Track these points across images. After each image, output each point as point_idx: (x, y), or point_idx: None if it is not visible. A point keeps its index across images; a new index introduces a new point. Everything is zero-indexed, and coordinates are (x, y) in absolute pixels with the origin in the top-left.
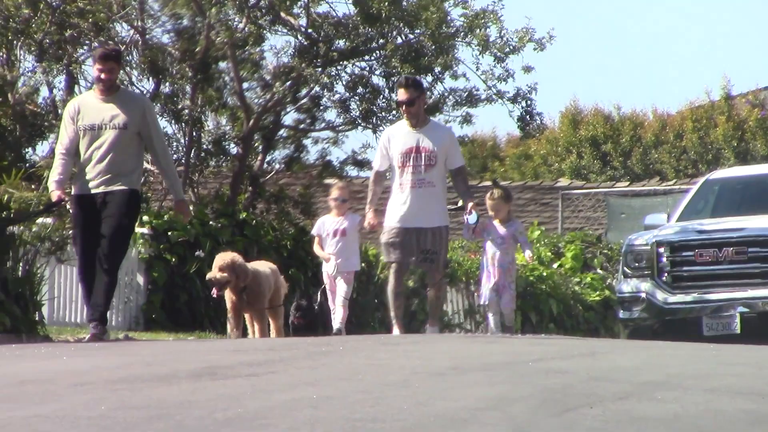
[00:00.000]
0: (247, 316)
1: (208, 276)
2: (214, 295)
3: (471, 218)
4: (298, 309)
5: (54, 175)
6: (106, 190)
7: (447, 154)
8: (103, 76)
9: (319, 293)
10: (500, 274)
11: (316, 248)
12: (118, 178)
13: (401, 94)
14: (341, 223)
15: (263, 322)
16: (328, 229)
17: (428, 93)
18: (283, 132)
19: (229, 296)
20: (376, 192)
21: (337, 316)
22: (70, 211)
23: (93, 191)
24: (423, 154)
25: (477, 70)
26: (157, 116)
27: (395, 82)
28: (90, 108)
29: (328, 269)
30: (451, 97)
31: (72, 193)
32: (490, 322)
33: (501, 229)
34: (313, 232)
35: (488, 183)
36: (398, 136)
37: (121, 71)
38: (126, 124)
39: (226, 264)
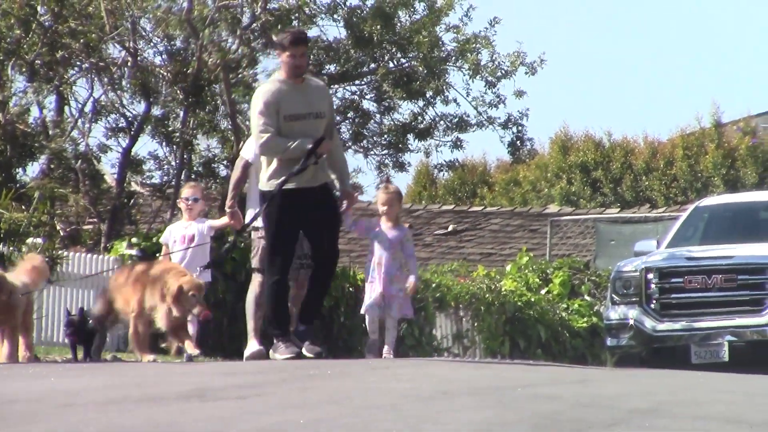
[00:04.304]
0: None
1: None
2: None
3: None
4: (68, 325)
5: None
6: None
7: None
8: None
9: None
10: (386, 283)
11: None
12: None
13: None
14: (190, 229)
15: (15, 338)
16: (175, 235)
17: (420, 118)
18: None
19: None
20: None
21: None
22: None
23: None
24: None
25: (468, 95)
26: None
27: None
28: None
29: None
30: (442, 122)
31: None
32: (369, 335)
33: (389, 232)
34: (161, 240)
35: (478, 208)
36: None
37: (112, 93)
38: None
39: None
